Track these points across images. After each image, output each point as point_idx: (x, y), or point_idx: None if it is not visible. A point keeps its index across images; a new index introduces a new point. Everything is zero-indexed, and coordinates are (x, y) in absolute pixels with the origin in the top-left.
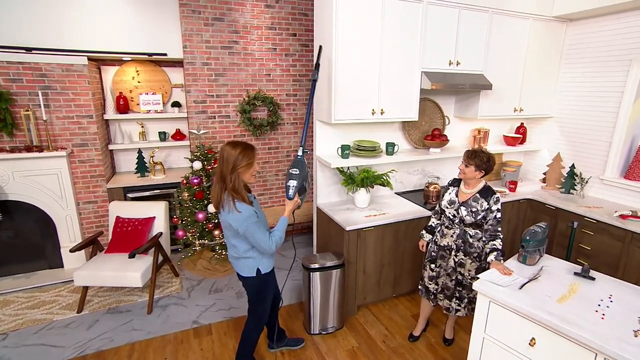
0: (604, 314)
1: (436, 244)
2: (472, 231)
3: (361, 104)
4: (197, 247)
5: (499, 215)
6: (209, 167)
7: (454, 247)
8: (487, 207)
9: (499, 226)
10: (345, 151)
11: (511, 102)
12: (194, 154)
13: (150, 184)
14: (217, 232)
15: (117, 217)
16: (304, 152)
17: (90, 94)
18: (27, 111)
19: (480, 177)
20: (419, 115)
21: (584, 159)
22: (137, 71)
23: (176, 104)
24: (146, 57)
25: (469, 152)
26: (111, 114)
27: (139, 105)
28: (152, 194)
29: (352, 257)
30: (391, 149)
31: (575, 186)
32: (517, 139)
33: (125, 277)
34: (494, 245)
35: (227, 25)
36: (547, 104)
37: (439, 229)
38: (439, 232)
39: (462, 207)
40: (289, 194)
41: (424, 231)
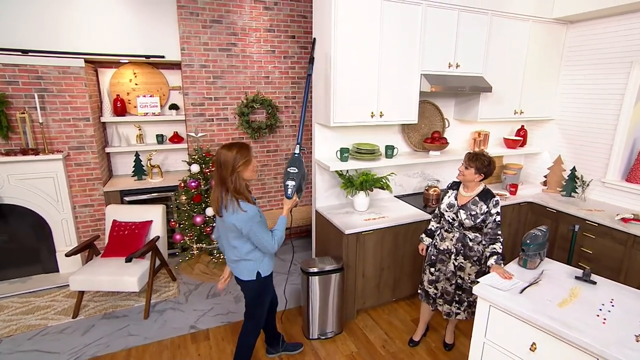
0: (605, 319)
1: (436, 247)
2: (471, 234)
3: (360, 107)
4: (194, 251)
5: (498, 218)
6: (207, 170)
7: (453, 250)
8: (487, 210)
9: (499, 229)
10: (344, 154)
11: (511, 105)
12: (191, 157)
13: (147, 187)
14: (214, 236)
15: (114, 221)
16: (300, 149)
17: (87, 96)
18: (23, 114)
19: (479, 181)
20: (418, 117)
21: (585, 161)
22: (135, 73)
23: (174, 107)
24: (144, 59)
25: (470, 154)
26: (108, 116)
27: (136, 107)
28: (149, 197)
29: (351, 261)
30: (390, 151)
31: (576, 189)
32: (518, 141)
33: (121, 281)
34: (494, 248)
35: (226, 27)
36: (548, 107)
37: (438, 232)
38: (438, 236)
39: (461, 210)
40: (288, 193)
41: (424, 235)
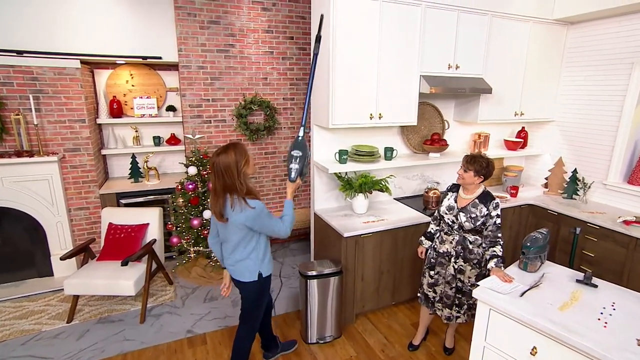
0: (606, 322)
1: (435, 250)
2: (471, 237)
3: (359, 109)
4: (192, 254)
5: (498, 221)
6: (204, 172)
7: (453, 253)
8: (487, 212)
9: (499, 232)
10: (343, 156)
11: (512, 106)
12: (189, 159)
13: (144, 189)
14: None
15: (110, 224)
16: (304, 132)
17: (82, 97)
18: (18, 115)
19: (479, 183)
20: (418, 119)
21: (587, 163)
22: (131, 74)
23: (171, 108)
24: (140, 60)
25: (468, 156)
26: (104, 118)
27: (132, 109)
28: (146, 200)
29: (350, 264)
30: (390, 153)
31: (577, 191)
32: (518, 143)
33: (117, 285)
34: (494, 251)
35: (223, 28)
36: (549, 108)
37: (438, 235)
38: (438, 239)
39: (461, 213)
40: (292, 177)
41: (423, 237)
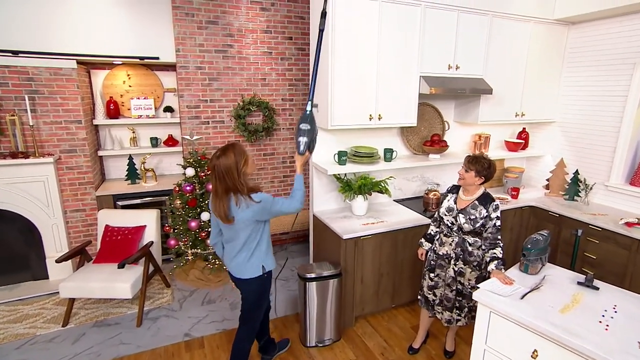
0: (608, 325)
1: (435, 252)
2: (471, 239)
3: (358, 109)
4: (189, 256)
5: (498, 223)
6: (202, 173)
7: (453, 255)
8: (486, 214)
9: (499, 234)
10: (342, 157)
11: (512, 107)
12: (186, 161)
13: (141, 191)
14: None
15: (106, 226)
16: (312, 106)
17: (79, 98)
18: (13, 116)
19: (479, 184)
20: (417, 120)
21: (588, 164)
22: (128, 75)
23: (168, 109)
24: (138, 60)
25: (470, 157)
26: (101, 119)
27: (130, 110)
28: (143, 201)
29: (349, 266)
30: (389, 155)
31: (579, 193)
32: (519, 144)
33: (114, 288)
34: (494, 253)
35: (222, 28)
36: (550, 109)
37: (437, 237)
38: (437, 241)
39: (460, 214)
40: (300, 150)
41: (423, 239)
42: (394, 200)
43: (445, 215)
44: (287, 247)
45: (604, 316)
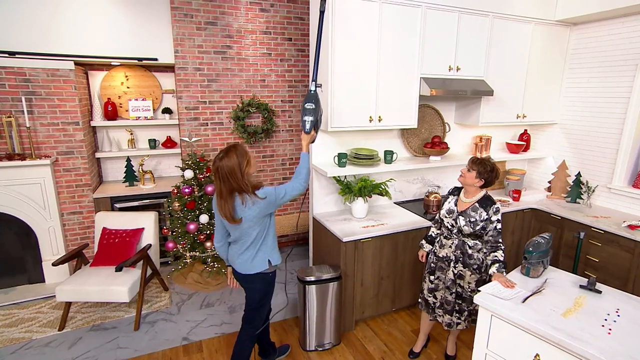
0: (610, 329)
1: (435, 255)
2: (470, 242)
3: (358, 111)
4: (188, 259)
5: (499, 226)
6: (201, 176)
7: (452, 258)
8: (487, 217)
9: (500, 237)
10: (342, 160)
11: (514, 109)
12: (185, 163)
13: (139, 193)
14: (208, 244)
15: (104, 229)
16: (316, 86)
17: (76, 99)
18: (10, 118)
19: (479, 186)
20: (418, 122)
21: (591, 166)
22: (127, 76)
23: (167, 111)
24: (136, 62)
25: (475, 157)
26: (99, 120)
27: (128, 111)
28: (141, 204)
29: (349, 269)
30: (390, 157)
31: (581, 195)
32: (521, 146)
33: (111, 291)
34: (496, 256)
35: (221, 29)
36: (552, 110)
37: (438, 239)
38: (438, 243)
39: (460, 216)
40: (306, 128)
41: (424, 241)
42: (394, 202)
43: (445, 217)
44: (287, 250)
45: (606, 320)
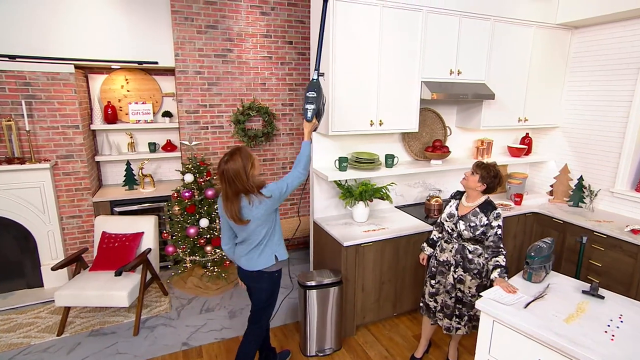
0: (613, 335)
1: (436, 259)
2: (471, 246)
3: (359, 115)
4: (187, 264)
5: (499, 231)
6: (201, 179)
7: (452, 262)
8: (487, 222)
9: (501, 242)
10: (343, 164)
11: (515, 112)
12: (185, 166)
13: (138, 197)
14: (209, 248)
15: (103, 233)
16: (319, 75)
17: (76, 103)
18: (9, 121)
19: (481, 191)
20: (419, 126)
21: (593, 170)
22: (127, 79)
23: (167, 114)
24: (136, 65)
25: (480, 162)
26: (98, 124)
27: (128, 115)
28: (140, 207)
29: (350, 274)
30: (391, 161)
31: (584, 199)
32: (522, 149)
33: (110, 296)
34: (497, 261)
35: (221, 33)
36: (553, 114)
37: (439, 243)
38: (438, 247)
39: (460, 221)
40: (308, 116)
41: (425, 244)
42: (395, 206)
43: (446, 221)
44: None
45: (609, 326)
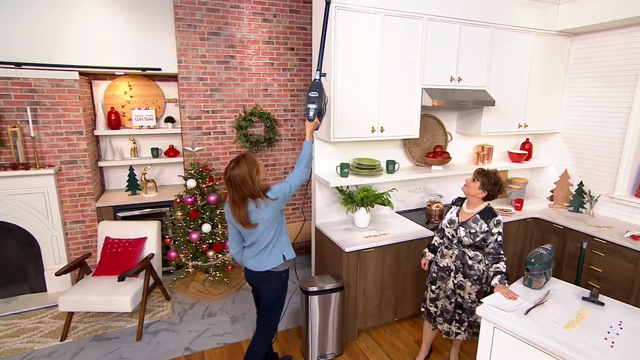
0: (613, 342)
1: (437, 264)
2: (471, 252)
3: (361, 122)
4: (190, 269)
5: (499, 238)
6: (204, 185)
7: (453, 268)
8: (487, 229)
9: (502, 249)
10: (344, 170)
11: (515, 118)
12: (188, 172)
13: (141, 202)
14: (211, 253)
15: (107, 238)
16: (321, 75)
17: (80, 109)
18: (15, 127)
19: (482, 197)
20: (420, 132)
21: (593, 176)
22: (130, 86)
23: (170, 120)
24: (139, 71)
25: (481, 169)
26: (102, 129)
27: (131, 120)
28: (143, 213)
29: (351, 279)
30: (392, 167)
31: (584, 204)
32: (523, 155)
33: (113, 301)
34: (498, 268)
35: (224, 39)
36: (553, 120)
37: (440, 248)
38: (439, 253)
39: (460, 227)
40: (310, 116)
41: (427, 249)
42: (397, 212)
43: (446, 227)
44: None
45: (609, 333)
